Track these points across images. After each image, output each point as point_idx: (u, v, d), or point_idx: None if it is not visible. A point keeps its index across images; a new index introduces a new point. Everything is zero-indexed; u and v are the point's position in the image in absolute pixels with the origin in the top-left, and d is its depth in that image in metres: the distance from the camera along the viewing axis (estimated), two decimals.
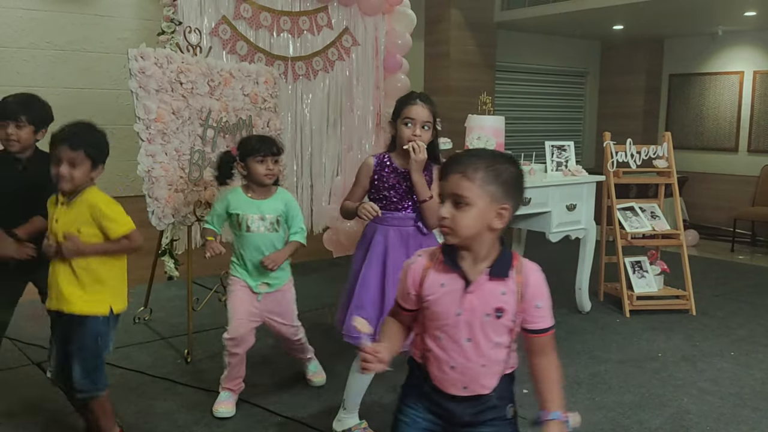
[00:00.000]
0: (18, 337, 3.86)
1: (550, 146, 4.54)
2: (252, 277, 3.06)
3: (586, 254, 4.58)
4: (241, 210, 3.01)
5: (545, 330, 1.72)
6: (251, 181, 3.03)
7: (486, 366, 1.72)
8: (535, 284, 1.68)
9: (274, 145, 3.03)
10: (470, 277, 1.66)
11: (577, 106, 8.97)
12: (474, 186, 1.60)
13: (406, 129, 2.71)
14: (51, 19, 4.99)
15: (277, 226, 3.05)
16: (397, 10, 5.62)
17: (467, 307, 1.67)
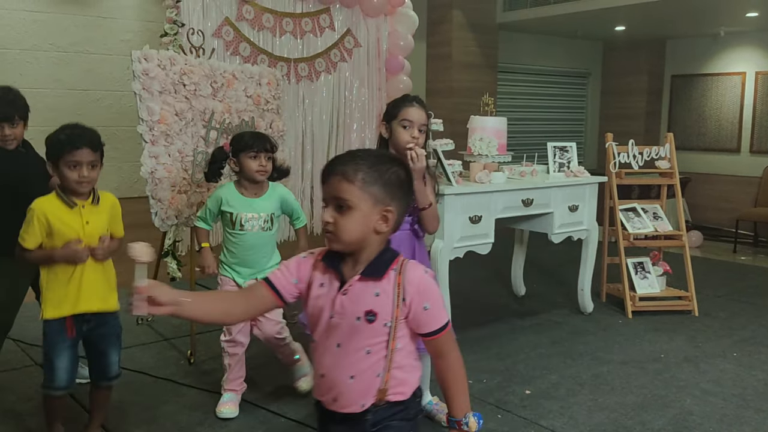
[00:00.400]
0: (21, 338, 3.87)
1: (552, 147, 4.55)
2: (241, 275, 3.04)
3: (588, 255, 4.58)
4: (235, 209, 2.99)
5: (438, 331, 1.58)
6: (243, 178, 3.01)
7: (355, 378, 1.57)
8: (420, 284, 1.56)
9: (268, 142, 3.02)
10: (345, 278, 1.57)
11: (579, 107, 8.97)
12: (355, 188, 1.51)
13: (404, 131, 2.71)
14: (54, 21, 5.00)
15: (270, 225, 3.05)
16: (399, 12, 5.62)
17: (338, 309, 1.56)
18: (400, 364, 1.58)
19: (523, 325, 4.43)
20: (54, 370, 2.53)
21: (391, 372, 1.57)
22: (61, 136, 2.46)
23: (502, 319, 4.52)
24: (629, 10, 6.40)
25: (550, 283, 5.51)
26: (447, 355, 1.62)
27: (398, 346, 1.57)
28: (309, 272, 1.62)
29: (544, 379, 3.54)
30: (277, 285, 1.63)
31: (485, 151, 4.02)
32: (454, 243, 3.75)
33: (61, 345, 2.53)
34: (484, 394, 3.33)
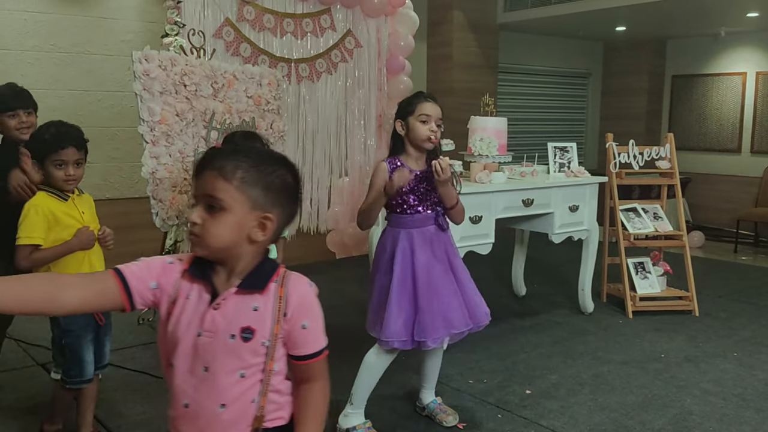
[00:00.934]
0: (22, 337, 3.88)
1: (552, 147, 4.55)
2: None
3: (588, 255, 4.59)
4: None
5: (312, 356, 1.39)
6: None
7: (226, 407, 1.34)
8: (302, 298, 1.38)
9: (258, 141, 2.98)
10: (218, 290, 1.36)
11: (579, 107, 8.97)
12: (231, 187, 1.31)
13: (422, 126, 2.74)
14: (55, 22, 5.00)
15: None
16: (399, 12, 5.63)
17: (209, 326, 1.34)
18: (277, 387, 1.39)
19: (524, 325, 4.43)
20: (84, 364, 2.56)
21: (267, 396, 1.37)
22: (45, 135, 2.51)
23: (503, 319, 4.52)
24: (630, 10, 6.41)
25: (551, 283, 5.51)
26: (314, 382, 1.42)
27: (276, 368, 1.38)
28: (175, 280, 1.37)
29: (545, 379, 3.54)
30: (131, 283, 1.34)
31: (486, 151, 4.02)
32: (455, 243, 3.74)
33: (88, 338, 2.57)
34: (485, 394, 3.34)
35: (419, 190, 2.78)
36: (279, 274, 1.39)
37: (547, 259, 6.04)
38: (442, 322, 2.75)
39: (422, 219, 2.79)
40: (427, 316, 2.71)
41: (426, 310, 2.71)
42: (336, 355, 3.32)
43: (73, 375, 2.57)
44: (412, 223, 2.78)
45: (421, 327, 2.71)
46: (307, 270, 4.19)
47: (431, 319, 2.72)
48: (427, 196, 2.79)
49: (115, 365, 3.62)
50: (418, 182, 2.77)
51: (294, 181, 1.41)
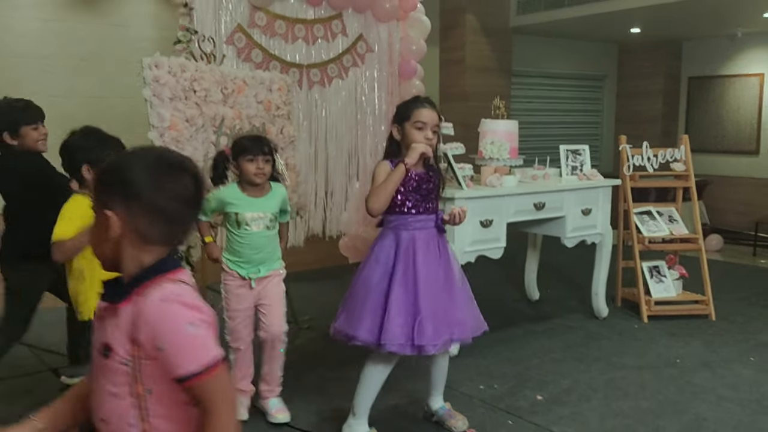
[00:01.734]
0: (36, 343, 3.91)
1: (565, 150, 4.52)
2: (244, 269, 3.02)
3: (602, 259, 4.54)
4: (240, 209, 2.99)
5: (188, 377, 1.22)
6: (244, 181, 3.02)
7: (106, 423, 1.28)
8: (150, 317, 1.22)
9: (265, 145, 3.02)
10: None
11: (594, 110, 8.91)
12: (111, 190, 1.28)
13: (417, 133, 2.71)
14: (70, 30, 5.06)
15: (274, 223, 3.08)
16: (411, 17, 5.62)
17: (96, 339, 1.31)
18: (161, 413, 1.26)
19: (536, 330, 4.39)
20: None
21: (150, 422, 1.26)
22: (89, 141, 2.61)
23: (515, 324, 4.49)
24: (644, 11, 6.35)
25: (565, 287, 5.46)
26: (211, 413, 1.23)
27: (149, 391, 1.25)
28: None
29: (557, 385, 3.50)
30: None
31: (496, 154, 4.00)
32: (465, 247, 3.74)
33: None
34: (495, 400, 3.31)
35: (421, 191, 2.75)
36: (148, 286, 1.25)
37: (560, 263, 5.98)
38: (444, 328, 2.70)
39: (424, 220, 2.76)
40: (429, 321, 2.66)
41: (427, 315, 2.66)
42: (345, 363, 3.35)
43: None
44: (414, 224, 2.74)
45: (421, 332, 2.65)
46: (318, 274, 4.18)
47: (433, 324, 2.67)
48: (428, 198, 2.77)
49: None
50: (420, 183, 2.75)
51: (140, 176, 1.26)
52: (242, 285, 3.03)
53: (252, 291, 3.04)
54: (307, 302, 4.86)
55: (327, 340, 4.08)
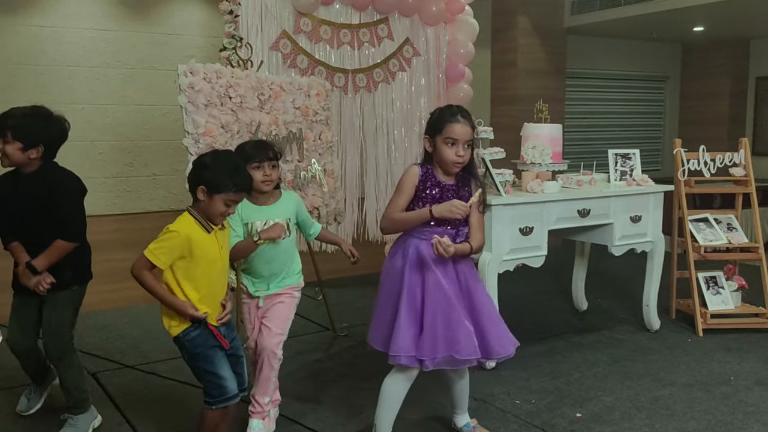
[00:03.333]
0: (78, 347, 3.99)
1: (613, 155, 4.33)
2: (254, 284, 2.95)
3: (653, 268, 4.32)
4: (249, 218, 2.87)
5: None
6: (253, 189, 2.84)
7: None
8: None
9: (270, 150, 2.89)
10: None
11: (656, 112, 8.56)
12: None
13: (448, 149, 2.62)
14: (122, 39, 5.18)
15: (288, 230, 2.92)
16: (459, 19, 5.53)
17: None
18: None
19: (582, 342, 4.22)
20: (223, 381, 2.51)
21: None
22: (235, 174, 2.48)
23: (559, 336, 4.32)
24: (707, 9, 6.05)
25: (615, 297, 5.24)
26: None
27: None
28: None
29: (599, 401, 3.34)
30: None
31: (538, 159, 3.87)
32: (503, 255, 3.62)
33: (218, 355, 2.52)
34: (531, 416, 3.17)
35: (444, 202, 2.66)
36: None
37: (611, 272, 5.76)
38: (443, 345, 2.57)
39: (440, 233, 2.62)
40: (429, 336, 2.56)
41: (428, 330, 2.57)
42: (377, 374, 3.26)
43: (215, 395, 2.50)
44: (430, 236, 2.60)
45: (422, 346, 2.57)
46: (361, 281, 4.10)
47: (432, 340, 2.57)
48: None
49: (161, 376, 3.68)
50: (444, 194, 2.66)
51: None
52: (251, 300, 2.97)
53: (259, 309, 2.95)
54: (347, 309, 4.82)
55: (363, 349, 4.03)
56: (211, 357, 2.49)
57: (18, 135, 2.75)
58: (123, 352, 4.06)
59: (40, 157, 2.83)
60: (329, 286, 4.72)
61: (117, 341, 4.25)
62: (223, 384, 2.49)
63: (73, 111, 4.99)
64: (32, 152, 2.79)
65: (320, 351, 4.06)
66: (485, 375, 3.59)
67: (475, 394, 3.32)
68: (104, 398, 3.39)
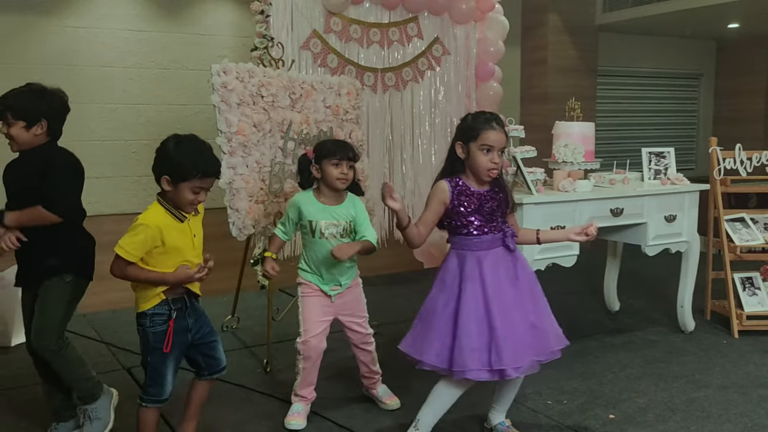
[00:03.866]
0: (113, 341, 4.07)
1: (647, 153, 4.27)
2: (324, 282, 3.05)
3: (688, 269, 4.26)
4: (314, 216, 2.99)
5: None
6: (324, 185, 3.01)
7: None
8: None
9: (351, 151, 3.01)
10: None
11: (689, 110, 8.43)
12: None
13: (483, 156, 2.60)
14: (155, 40, 5.25)
15: (349, 232, 3.03)
16: (489, 18, 5.50)
17: None
18: None
19: (614, 343, 4.17)
20: (164, 383, 2.54)
21: None
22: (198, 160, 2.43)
23: (591, 336, 4.27)
24: (743, 5, 5.95)
25: (648, 298, 5.17)
26: None
27: None
28: None
29: (632, 403, 3.30)
30: None
31: (570, 158, 3.83)
32: (534, 255, 3.59)
33: (172, 357, 2.55)
34: (563, 417, 3.14)
35: (484, 211, 2.64)
36: None
37: (645, 272, 5.68)
38: (526, 350, 2.58)
39: (489, 241, 2.64)
40: (506, 343, 2.54)
41: (504, 337, 2.54)
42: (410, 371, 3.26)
43: (151, 393, 2.54)
44: (479, 245, 2.62)
45: (500, 356, 2.54)
46: (392, 279, 4.11)
47: (512, 347, 2.55)
48: (493, 217, 2.66)
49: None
50: (482, 202, 2.64)
51: None
52: (321, 297, 3.05)
53: (332, 305, 3.07)
54: (378, 307, 4.79)
55: (394, 347, 4.03)
56: (165, 358, 2.49)
57: (18, 114, 2.67)
58: None
59: (46, 132, 2.73)
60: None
61: None
62: (164, 386, 2.52)
63: (107, 111, 5.09)
64: (37, 129, 2.70)
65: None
66: None
67: None
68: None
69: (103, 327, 4.44)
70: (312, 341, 3.01)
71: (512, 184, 3.63)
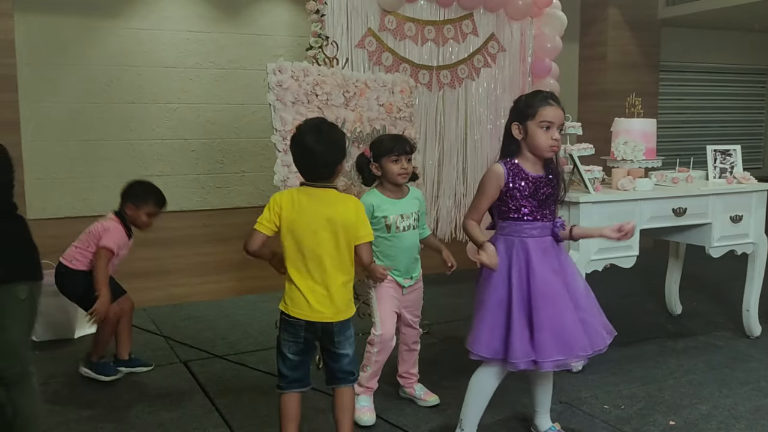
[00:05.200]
0: (171, 335, 4.16)
1: (712, 151, 4.12)
2: (401, 273, 3.11)
3: (755, 271, 4.09)
4: (387, 212, 3.04)
5: None
6: (387, 181, 3.06)
7: None
8: None
9: (408, 144, 3.07)
10: None
11: (756, 107, 8.10)
12: None
13: (544, 134, 2.54)
14: (213, 40, 5.35)
15: (416, 223, 3.13)
16: (546, 13, 5.40)
17: None
18: None
19: (676, 347, 4.03)
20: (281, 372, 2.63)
21: None
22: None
23: (652, 340, 4.15)
24: None
25: (712, 301, 4.99)
26: None
27: None
28: None
29: (693, 410, 3.18)
30: None
31: (630, 155, 3.73)
32: (591, 255, 3.51)
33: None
34: (621, 423, 3.05)
35: (538, 196, 2.58)
36: None
37: (709, 275, 5.48)
38: (559, 344, 2.51)
39: (541, 228, 2.59)
40: (545, 335, 2.49)
41: (542, 329, 2.49)
42: (462, 370, 3.22)
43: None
44: (530, 231, 2.57)
45: (538, 347, 2.49)
46: (444, 278, 4.10)
47: (549, 339, 2.49)
48: (546, 203, 2.60)
49: (249, 367, 3.77)
50: (537, 187, 2.59)
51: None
52: (394, 288, 3.11)
53: (402, 298, 3.14)
54: (429, 306, 4.75)
55: (445, 347, 4.02)
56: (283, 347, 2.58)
57: None
58: (212, 342, 4.18)
59: None
60: None
61: (206, 332, 4.39)
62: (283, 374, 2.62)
63: (167, 110, 5.21)
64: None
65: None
66: (572, 378, 3.49)
67: (561, 398, 3.24)
68: (195, 387, 3.50)
69: (163, 321, 4.55)
70: (387, 335, 3.06)
71: (569, 183, 3.55)
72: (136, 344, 3.85)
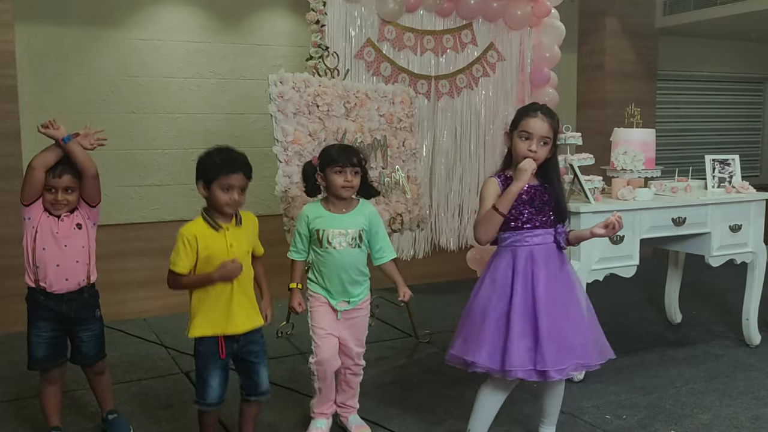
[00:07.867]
0: (173, 346, 4.15)
1: (711, 160, 4.14)
2: (332, 295, 2.89)
3: (754, 280, 4.10)
4: (322, 225, 2.84)
5: None
6: (330, 194, 2.87)
7: None
8: None
9: (355, 156, 2.84)
10: None
11: (754, 116, 8.14)
12: None
13: (521, 143, 2.58)
14: (214, 50, 5.36)
15: (359, 242, 2.87)
16: (544, 23, 5.43)
17: None
18: None
19: (676, 356, 4.04)
20: (207, 387, 2.60)
21: None
22: (216, 159, 2.53)
23: (652, 349, 4.16)
24: None
25: (712, 310, 5.00)
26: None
27: None
28: None
29: (694, 419, 3.19)
30: None
31: (629, 165, 3.75)
32: (592, 265, 3.52)
33: (215, 365, 2.60)
34: None
35: (535, 204, 2.61)
36: None
37: (708, 284, 5.50)
38: (568, 351, 2.53)
39: (542, 235, 2.61)
40: (551, 343, 2.50)
41: (548, 337, 2.50)
42: (462, 381, 3.23)
43: (198, 395, 2.64)
44: (531, 239, 2.59)
45: (543, 356, 2.50)
46: (444, 288, 4.09)
47: (555, 347, 2.50)
48: (543, 210, 2.62)
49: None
50: (533, 197, 2.61)
51: None
52: (329, 310, 2.91)
53: (338, 322, 2.91)
54: (429, 316, 4.80)
55: (446, 356, 4.01)
56: (209, 362, 2.60)
57: None
58: None
59: None
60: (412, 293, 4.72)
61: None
62: (206, 391, 2.60)
63: (168, 120, 5.22)
64: None
65: (403, 357, 4.06)
66: (573, 388, 3.49)
67: (562, 407, 3.21)
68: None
69: (164, 331, 4.55)
70: (325, 361, 2.86)
71: (569, 193, 3.57)
72: (138, 355, 3.83)
